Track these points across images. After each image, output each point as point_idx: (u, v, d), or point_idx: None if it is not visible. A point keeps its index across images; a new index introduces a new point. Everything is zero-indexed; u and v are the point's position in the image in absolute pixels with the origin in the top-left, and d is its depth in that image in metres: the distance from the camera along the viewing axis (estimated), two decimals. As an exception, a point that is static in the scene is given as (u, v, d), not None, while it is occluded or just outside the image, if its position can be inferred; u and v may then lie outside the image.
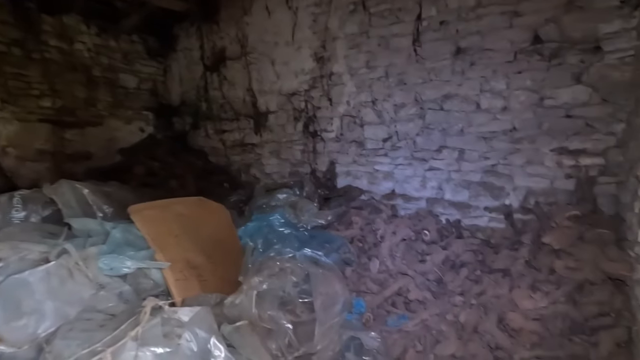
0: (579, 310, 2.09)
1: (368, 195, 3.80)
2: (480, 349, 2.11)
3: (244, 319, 1.94)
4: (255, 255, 2.70)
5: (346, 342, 2.05)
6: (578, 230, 2.53)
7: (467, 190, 3.32)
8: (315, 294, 2.15)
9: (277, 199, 3.48)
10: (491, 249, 2.93)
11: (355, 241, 3.28)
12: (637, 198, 2.03)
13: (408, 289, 2.71)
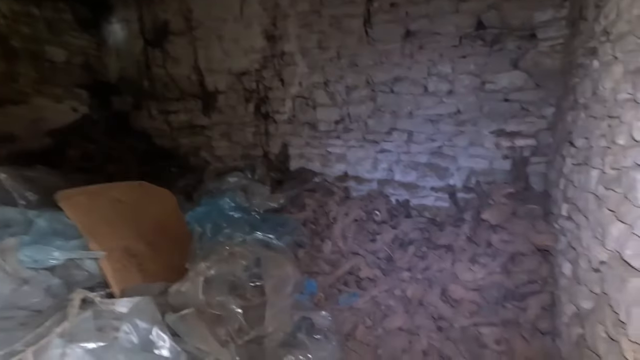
0: (512, 279, 2.27)
1: (321, 177, 3.80)
2: (424, 320, 2.22)
3: (190, 306, 1.85)
4: (204, 240, 2.59)
5: (298, 323, 2.05)
6: (512, 207, 2.73)
7: (415, 172, 3.44)
8: (266, 277, 2.12)
9: (227, 183, 3.35)
10: (436, 227, 3.08)
11: (309, 223, 3.29)
12: (562, 175, 2.22)
13: (359, 267, 2.77)
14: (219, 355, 1.66)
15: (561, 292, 1.94)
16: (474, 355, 1.94)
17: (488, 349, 1.97)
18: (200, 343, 1.70)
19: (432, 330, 2.14)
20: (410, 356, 2.05)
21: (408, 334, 2.18)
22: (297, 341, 1.97)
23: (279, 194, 3.42)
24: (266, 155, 4.16)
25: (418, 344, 2.09)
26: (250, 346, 1.92)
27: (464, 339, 2.03)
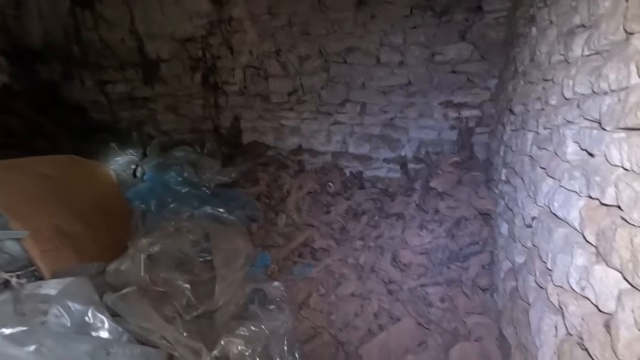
0: (456, 242, 2.40)
1: (275, 151, 3.71)
2: (376, 285, 2.29)
3: (131, 285, 1.74)
4: (149, 217, 2.44)
5: (250, 295, 2.01)
6: (458, 175, 2.86)
7: (368, 144, 3.47)
8: (215, 251, 2.05)
9: (174, 157, 3.15)
10: (388, 197, 3.16)
11: (262, 197, 3.22)
12: (502, 142, 2.33)
13: (314, 239, 2.78)
14: (164, 331, 1.58)
15: (499, 250, 2.08)
16: (421, 314, 2.03)
17: (434, 307, 2.08)
18: (143, 321, 1.61)
19: (383, 294, 2.22)
20: (362, 319, 2.11)
21: (360, 299, 2.23)
22: (250, 313, 1.94)
23: (230, 168, 3.29)
24: (217, 129, 3.97)
25: (369, 308, 2.15)
26: (200, 321, 1.86)
27: (411, 300, 2.12)
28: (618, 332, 0.69)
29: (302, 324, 2.09)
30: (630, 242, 0.67)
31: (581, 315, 0.87)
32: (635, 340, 0.65)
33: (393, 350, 1.93)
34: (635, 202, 0.66)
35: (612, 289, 0.74)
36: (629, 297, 0.67)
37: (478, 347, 1.79)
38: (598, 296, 0.81)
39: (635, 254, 0.65)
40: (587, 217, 0.89)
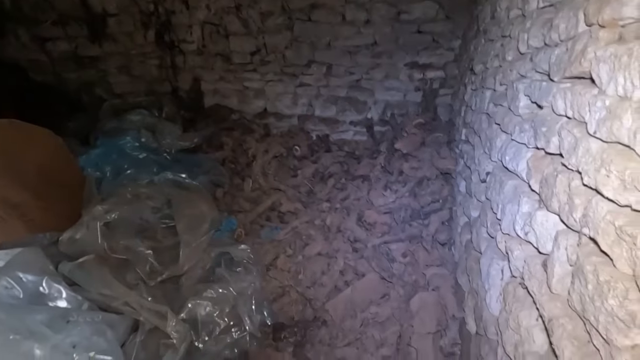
0: (418, 201, 2.49)
1: (239, 115, 3.58)
2: (342, 244, 2.36)
3: (88, 254, 1.67)
4: (105, 184, 2.31)
5: (216, 259, 2.01)
6: (421, 136, 2.91)
7: (334, 106, 3.42)
8: (177, 217, 2.00)
9: (129, 122, 2.96)
10: (355, 160, 3.19)
11: (227, 163, 3.14)
12: (464, 103, 2.38)
13: (281, 202, 2.77)
14: (127, 297, 1.55)
15: (457, 207, 2.18)
16: (384, 269, 2.13)
17: (396, 262, 2.18)
18: (104, 289, 1.57)
19: (349, 252, 2.29)
20: (328, 277, 2.18)
21: (327, 257, 2.30)
22: (217, 276, 1.95)
23: (192, 132, 3.15)
24: (175, 91, 3.73)
25: (336, 265, 2.22)
26: (166, 286, 1.84)
27: (375, 256, 2.21)
28: (553, 269, 0.75)
29: (270, 284, 2.13)
30: (568, 186, 0.71)
31: (524, 258, 0.94)
32: (566, 275, 0.71)
33: (358, 304, 2.03)
34: (574, 148, 0.70)
35: (551, 232, 0.80)
36: (564, 237, 0.73)
37: (435, 295, 1.92)
38: (538, 239, 0.87)
39: (572, 196, 0.69)
40: (534, 167, 0.93)
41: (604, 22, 0.62)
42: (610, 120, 0.57)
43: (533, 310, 0.85)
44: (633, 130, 0.52)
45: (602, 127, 0.59)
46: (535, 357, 0.83)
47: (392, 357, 1.75)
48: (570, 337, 0.66)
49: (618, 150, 0.56)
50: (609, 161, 0.57)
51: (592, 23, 0.67)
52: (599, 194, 0.60)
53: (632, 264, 0.51)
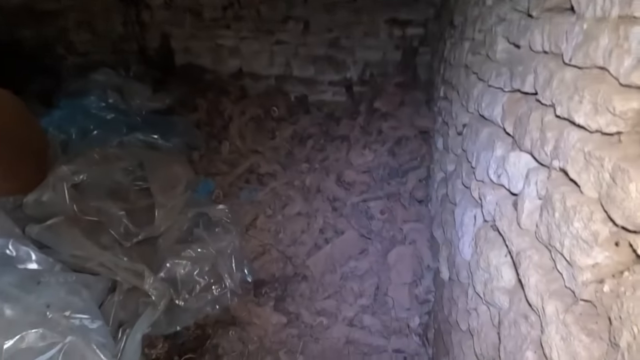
0: (396, 160, 2.50)
1: (213, 75, 3.41)
2: (321, 204, 2.37)
3: (57, 216, 1.61)
4: (71, 146, 2.19)
5: (194, 219, 1.98)
6: (401, 95, 2.88)
7: (313, 66, 3.31)
8: (151, 178, 1.93)
9: (94, 82, 2.77)
10: (334, 121, 3.14)
11: (202, 125, 3.02)
12: (443, 60, 2.34)
13: (259, 164, 2.73)
14: (101, 258, 1.52)
15: (435, 164, 2.21)
16: (363, 226, 2.17)
17: (374, 219, 2.22)
18: (77, 250, 1.53)
19: (328, 211, 2.31)
20: (308, 235, 2.21)
21: (306, 217, 2.31)
22: (195, 236, 1.93)
23: (163, 93, 3.00)
24: (143, 50, 3.50)
25: (315, 224, 2.24)
26: (143, 247, 1.81)
27: (354, 214, 2.24)
28: (523, 205, 0.77)
29: (250, 243, 2.14)
30: (541, 121, 0.71)
31: (496, 201, 0.96)
32: (535, 209, 0.72)
33: (337, 259, 2.08)
34: (548, 82, 0.69)
35: (522, 171, 0.81)
36: (535, 174, 0.74)
37: (412, 249, 1.98)
38: (510, 180, 0.88)
39: (544, 131, 0.69)
40: (508, 110, 0.93)
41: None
42: (587, 43, 0.56)
43: (502, 249, 0.88)
44: (609, 49, 0.51)
45: (578, 53, 0.58)
46: (503, 292, 0.87)
47: (370, 306, 1.82)
48: (536, 266, 0.69)
49: (593, 75, 0.55)
50: (582, 87, 0.56)
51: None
52: (571, 123, 0.60)
53: (598, 186, 0.52)
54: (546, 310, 0.61)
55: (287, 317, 1.76)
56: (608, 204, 0.48)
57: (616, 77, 0.49)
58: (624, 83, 0.48)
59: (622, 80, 0.48)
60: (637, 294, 0.43)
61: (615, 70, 0.50)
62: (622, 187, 0.45)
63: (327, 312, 1.82)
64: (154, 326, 1.62)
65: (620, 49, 0.48)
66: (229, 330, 1.71)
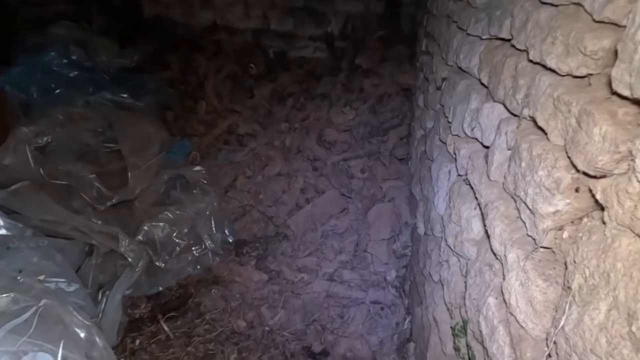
0: (377, 118, 2.46)
1: (185, 29, 3.20)
2: (302, 163, 2.34)
3: (22, 180, 1.54)
4: (32, 106, 2.05)
5: (170, 181, 1.94)
6: (383, 50, 2.78)
7: (291, 18, 3.13)
8: (122, 140, 1.85)
9: (53, 36, 2.55)
10: (315, 78, 3.03)
11: (176, 84, 2.87)
12: (426, 11, 2.23)
13: (237, 124, 2.65)
14: (73, 222, 1.48)
15: (415, 122, 2.18)
16: (343, 185, 2.17)
17: (355, 178, 2.22)
18: (46, 214, 1.48)
19: (309, 171, 2.29)
20: (289, 195, 2.20)
21: (287, 177, 2.29)
22: (172, 198, 1.90)
23: (131, 49, 2.80)
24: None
25: (296, 184, 2.23)
26: (118, 210, 1.78)
27: (335, 173, 2.23)
28: (493, 157, 0.76)
29: (230, 204, 2.12)
30: (515, 68, 0.68)
31: (468, 155, 0.95)
32: (505, 160, 0.72)
33: (318, 218, 2.09)
34: (524, 24, 0.65)
35: (494, 122, 0.79)
36: (506, 124, 0.72)
37: (391, 206, 2.01)
38: (483, 132, 0.87)
39: (517, 78, 0.67)
40: (485, 59, 0.89)
41: None
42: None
43: (473, 202, 0.89)
44: (585, -15, 0.47)
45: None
46: (472, 243, 0.89)
47: (349, 262, 1.87)
48: (501, 216, 0.69)
49: (567, 14, 0.52)
50: (556, 27, 0.53)
51: None
52: (543, 67, 0.57)
53: (565, 132, 0.51)
54: (508, 258, 0.63)
55: (269, 275, 1.79)
56: (572, 149, 0.47)
57: (590, 12, 0.46)
58: (597, 19, 0.45)
59: (595, 16, 0.45)
60: (593, 238, 0.43)
61: (590, 5, 0.46)
62: (587, 131, 0.44)
63: (308, 268, 1.86)
64: (135, 287, 1.63)
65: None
66: (211, 289, 1.74)
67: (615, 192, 0.39)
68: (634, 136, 0.37)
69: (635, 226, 0.37)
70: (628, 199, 0.37)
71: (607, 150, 0.40)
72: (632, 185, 0.36)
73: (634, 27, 0.35)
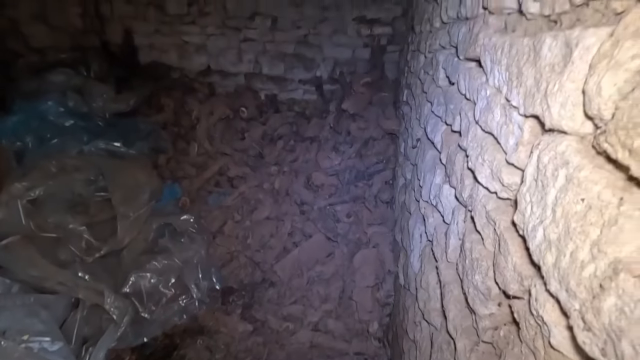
0: (363, 162, 2.55)
1: (179, 72, 3.33)
2: (289, 207, 2.40)
3: (12, 235, 1.58)
4: (27, 156, 2.12)
5: (159, 229, 1.98)
6: (369, 96, 2.91)
7: (282, 63, 3.28)
8: (112, 188, 1.90)
9: (51, 83, 2.66)
10: (305, 120, 3.14)
11: (169, 126, 2.97)
12: (406, 63, 2.37)
13: (228, 167, 2.73)
14: (58, 277, 1.51)
15: (398, 168, 2.27)
16: (330, 229, 2.22)
17: (341, 222, 2.28)
18: (32, 269, 1.51)
19: (296, 215, 2.35)
20: (276, 239, 2.25)
21: (275, 221, 2.34)
22: (160, 247, 1.93)
23: (127, 94, 2.91)
24: (105, 45, 3.36)
25: (283, 228, 2.28)
26: (107, 260, 1.80)
27: (321, 218, 2.28)
28: (449, 240, 0.82)
29: (218, 250, 2.16)
30: (462, 166, 0.76)
31: (434, 225, 1.02)
32: (457, 247, 0.78)
33: (304, 263, 2.13)
34: (468, 130, 0.73)
35: (451, 205, 0.86)
36: (458, 212, 0.79)
37: (375, 252, 2.06)
38: (444, 210, 0.93)
39: (463, 177, 0.74)
40: (445, 141, 0.97)
41: (492, 9, 0.63)
42: (487, 111, 0.60)
43: (436, 276, 0.94)
44: (501, 124, 0.55)
45: (482, 117, 0.63)
46: (437, 314, 0.94)
47: (334, 310, 1.89)
48: (455, 301, 0.75)
49: (491, 140, 0.60)
50: (485, 150, 0.61)
51: (485, 7, 0.67)
52: (476, 179, 0.65)
53: (493, 246, 0.57)
54: (457, 346, 0.68)
55: (254, 325, 1.81)
56: (496, 267, 0.53)
57: (505, 150, 0.54)
58: (508, 160, 0.52)
59: (507, 157, 0.53)
60: (514, 350, 0.49)
61: (504, 144, 0.54)
62: (504, 255, 0.50)
63: (294, 316, 1.88)
64: (120, 340, 1.64)
65: (507, 128, 0.52)
66: (196, 340, 1.75)
67: (524, 317, 0.45)
68: (533, 274, 0.44)
69: (538, 355, 0.42)
70: (531, 328, 0.43)
71: (516, 280, 0.47)
72: (532, 319, 0.42)
73: (525, 187, 0.42)
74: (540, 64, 0.40)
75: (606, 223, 0.29)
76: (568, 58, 0.35)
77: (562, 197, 0.34)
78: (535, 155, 0.41)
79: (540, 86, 0.40)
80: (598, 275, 0.29)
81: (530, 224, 0.41)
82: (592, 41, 0.32)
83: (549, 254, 0.36)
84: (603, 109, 0.29)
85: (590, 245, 0.30)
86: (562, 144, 0.36)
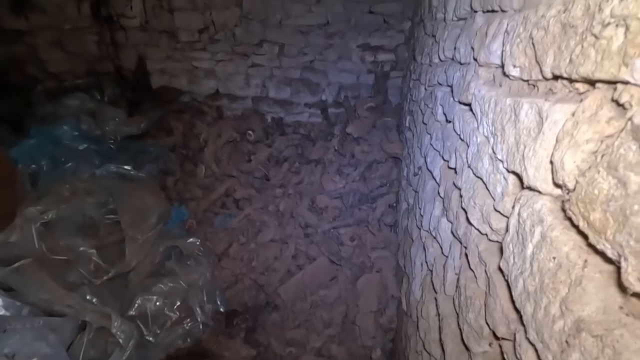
0: (367, 185, 2.59)
1: (189, 96, 3.44)
2: (294, 230, 2.43)
3: (25, 257, 1.62)
4: (42, 179, 2.19)
5: (165, 252, 2.02)
6: (372, 120, 2.98)
7: (288, 88, 3.38)
8: (121, 211, 1.96)
9: (66, 107, 2.77)
10: (310, 142, 3.21)
11: (178, 148, 3.05)
12: (409, 89, 2.44)
13: (234, 189, 2.78)
14: (68, 300, 1.55)
15: (401, 192, 2.30)
16: (333, 252, 2.24)
17: (345, 246, 2.30)
18: (43, 292, 1.55)
19: (300, 237, 2.38)
20: (281, 262, 2.27)
21: (280, 243, 2.37)
22: (166, 269, 1.97)
23: (138, 117, 3.01)
24: (119, 71, 3.50)
25: (287, 251, 2.30)
26: (114, 283, 1.84)
27: (325, 241, 2.31)
28: (447, 274, 0.85)
29: (223, 273, 2.18)
30: (458, 204, 0.80)
31: (434, 256, 1.04)
32: (454, 282, 0.80)
33: (308, 286, 2.14)
34: (462, 171, 0.77)
35: (449, 239, 0.89)
36: (454, 246, 0.82)
37: (378, 276, 2.07)
38: (442, 242, 0.96)
39: (458, 214, 0.78)
40: (443, 175, 1.01)
41: (481, 62, 0.68)
42: (478, 157, 0.64)
43: (435, 308, 0.96)
44: (489, 172, 0.59)
45: (474, 162, 0.67)
46: (437, 346, 0.95)
47: (337, 335, 1.89)
48: (452, 335, 0.77)
49: (481, 185, 0.64)
50: (476, 193, 0.64)
51: (476, 58, 0.72)
52: (468, 220, 0.68)
53: (485, 286, 0.60)
54: (455, 382, 0.69)
55: (257, 350, 1.81)
56: (487, 309, 0.56)
57: (493, 197, 0.58)
58: (496, 208, 0.56)
59: (495, 204, 0.56)
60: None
61: (492, 191, 0.58)
62: (494, 297, 0.53)
63: (297, 341, 1.88)
64: (124, 363, 1.65)
65: (494, 177, 0.56)
66: (199, 363, 1.76)
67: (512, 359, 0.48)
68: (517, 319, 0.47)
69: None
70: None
71: (504, 322, 0.50)
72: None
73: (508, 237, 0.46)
74: (520, 126, 0.45)
75: (573, 282, 0.32)
76: (540, 127, 0.39)
77: (538, 252, 0.38)
78: (516, 209, 0.45)
79: (519, 147, 0.44)
80: (566, 331, 0.32)
81: (513, 273, 0.44)
82: (559, 117, 0.36)
83: (528, 305, 0.39)
84: (567, 180, 0.33)
85: (560, 302, 0.33)
86: (538, 202, 0.39)
